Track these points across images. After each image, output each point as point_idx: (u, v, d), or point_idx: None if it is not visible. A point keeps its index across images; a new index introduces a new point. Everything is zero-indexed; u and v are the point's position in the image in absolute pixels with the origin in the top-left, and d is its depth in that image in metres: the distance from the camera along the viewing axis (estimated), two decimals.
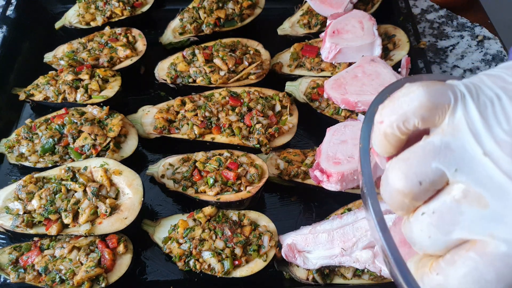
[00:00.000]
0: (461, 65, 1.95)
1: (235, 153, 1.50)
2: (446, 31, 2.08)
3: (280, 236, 1.32)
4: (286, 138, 1.58)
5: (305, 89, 1.69)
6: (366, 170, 0.75)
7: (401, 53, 1.75)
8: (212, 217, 1.38)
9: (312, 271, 1.29)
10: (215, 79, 1.68)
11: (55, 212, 1.34)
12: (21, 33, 1.92)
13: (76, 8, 1.94)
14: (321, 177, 1.38)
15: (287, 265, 1.33)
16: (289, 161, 1.52)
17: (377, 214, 0.66)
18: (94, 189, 1.36)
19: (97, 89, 1.64)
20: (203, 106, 1.61)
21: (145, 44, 1.81)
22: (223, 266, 1.28)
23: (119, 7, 1.88)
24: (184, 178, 1.47)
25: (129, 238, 1.36)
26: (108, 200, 1.36)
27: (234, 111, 1.59)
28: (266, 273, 1.33)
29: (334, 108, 1.61)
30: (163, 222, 1.42)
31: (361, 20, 1.73)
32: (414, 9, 2.15)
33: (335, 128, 1.47)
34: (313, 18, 1.89)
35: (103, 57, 1.76)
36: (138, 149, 1.59)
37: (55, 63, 1.80)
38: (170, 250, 1.35)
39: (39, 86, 1.69)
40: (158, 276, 1.39)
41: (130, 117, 1.65)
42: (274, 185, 1.53)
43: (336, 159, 1.39)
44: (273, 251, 1.33)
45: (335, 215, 1.31)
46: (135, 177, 1.39)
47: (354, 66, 1.63)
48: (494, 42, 2.02)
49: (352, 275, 1.29)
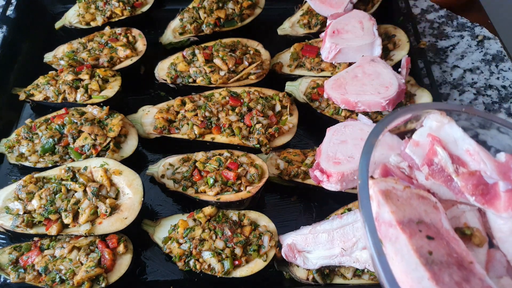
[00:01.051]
0: (461, 65, 1.95)
1: (235, 153, 1.50)
2: (446, 31, 2.07)
3: (280, 236, 1.32)
4: (286, 138, 1.58)
5: (305, 89, 1.69)
6: (365, 206, 0.75)
7: (401, 53, 1.75)
8: (212, 217, 1.38)
9: (312, 271, 1.29)
10: (215, 79, 1.68)
11: (55, 212, 1.34)
12: (21, 33, 1.92)
13: (76, 8, 1.94)
14: (321, 177, 1.38)
15: (287, 265, 1.33)
16: (289, 161, 1.52)
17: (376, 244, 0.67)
18: (94, 189, 1.36)
19: (97, 89, 1.64)
20: (203, 106, 1.60)
21: (145, 44, 1.81)
22: (223, 266, 1.29)
23: (119, 7, 1.88)
24: (184, 178, 1.47)
25: (129, 238, 1.36)
26: (108, 200, 1.36)
27: (234, 111, 1.58)
28: (266, 273, 1.33)
29: (334, 108, 1.61)
30: (163, 222, 1.42)
31: (361, 20, 1.73)
32: (414, 9, 2.15)
33: (335, 128, 1.47)
34: (313, 18, 1.89)
35: (103, 57, 1.76)
36: (138, 149, 1.59)
37: (55, 63, 1.80)
38: (170, 250, 1.35)
39: (39, 86, 1.69)
40: (158, 276, 1.39)
41: (130, 117, 1.65)
42: (274, 185, 1.53)
43: (336, 159, 1.39)
44: (273, 251, 1.33)
45: (335, 215, 1.31)
46: (135, 177, 1.40)
47: (354, 66, 1.63)
48: (494, 42, 2.02)
49: (352, 275, 1.29)
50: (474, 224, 1.01)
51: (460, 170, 0.99)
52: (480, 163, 0.99)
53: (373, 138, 0.85)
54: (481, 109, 1.80)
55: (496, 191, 0.96)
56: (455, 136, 1.03)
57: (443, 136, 1.03)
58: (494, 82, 1.89)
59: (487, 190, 0.97)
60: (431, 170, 1.01)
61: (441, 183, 1.01)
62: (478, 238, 0.97)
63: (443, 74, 1.92)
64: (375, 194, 0.91)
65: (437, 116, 1.04)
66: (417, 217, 0.90)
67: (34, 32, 1.99)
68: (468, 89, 1.87)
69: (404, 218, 0.88)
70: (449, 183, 1.00)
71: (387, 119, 0.96)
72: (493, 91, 1.86)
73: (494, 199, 0.96)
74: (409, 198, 0.94)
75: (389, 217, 0.87)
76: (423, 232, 0.87)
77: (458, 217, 1.01)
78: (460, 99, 1.83)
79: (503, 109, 1.80)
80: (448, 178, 1.00)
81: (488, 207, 0.98)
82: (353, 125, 1.47)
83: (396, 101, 1.54)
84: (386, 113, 1.58)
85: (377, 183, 0.92)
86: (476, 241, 0.97)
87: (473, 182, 0.97)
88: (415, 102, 1.62)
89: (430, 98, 1.60)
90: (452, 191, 1.01)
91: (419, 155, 1.04)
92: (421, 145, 1.04)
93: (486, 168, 0.98)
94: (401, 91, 1.53)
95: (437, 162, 1.00)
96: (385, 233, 0.86)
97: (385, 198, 0.90)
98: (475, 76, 1.91)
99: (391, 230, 0.87)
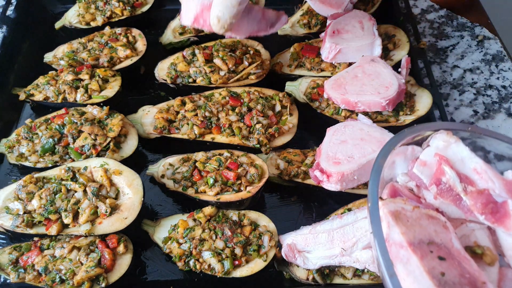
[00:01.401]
0: (461, 65, 1.95)
1: (235, 153, 1.50)
2: (446, 31, 2.08)
3: (280, 236, 1.32)
4: (286, 138, 1.58)
5: (305, 89, 1.69)
6: (377, 228, 0.74)
7: (401, 53, 1.75)
8: (212, 217, 1.38)
9: (312, 271, 1.29)
10: (215, 79, 1.68)
11: (55, 212, 1.34)
12: (21, 33, 1.92)
13: (76, 8, 1.94)
14: (321, 177, 1.38)
15: (287, 265, 1.33)
16: (289, 161, 1.52)
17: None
18: (94, 189, 1.36)
19: (97, 89, 1.64)
20: (203, 106, 1.60)
21: (145, 44, 1.81)
22: (223, 266, 1.29)
23: (119, 7, 1.88)
24: (184, 178, 1.47)
25: (129, 238, 1.36)
26: (108, 200, 1.36)
27: (234, 111, 1.59)
28: (266, 273, 1.33)
29: (334, 108, 1.61)
30: (163, 222, 1.42)
31: (361, 20, 1.74)
32: (414, 9, 2.15)
33: (335, 128, 1.47)
34: (313, 18, 1.89)
35: (103, 57, 1.76)
36: (138, 149, 1.59)
37: (55, 63, 1.80)
38: (170, 250, 1.35)
39: (39, 86, 1.69)
40: (158, 276, 1.39)
41: (130, 117, 1.65)
42: (274, 185, 1.53)
43: (336, 159, 1.39)
44: (273, 251, 1.33)
45: (335, 215, 1.31)
46: (135, 177, 1.40)
47: (354, 66, 1.63)
48: (494, 42, 2.02)
49: (352, 275, 1.29)
50: (484, 242, 1.00)
51: (469, 189, 0.99)
52: (488, 181, 0.99)
53: (382, 159, 0.85)
54: (481, 109, 1.80)
55: (506, 210, 0.96)
56: (462, 155, 1.03)
57: (450, 155, 1.04)
58: (494, 82, 1.89)
59: (496, 209, 0.97)
60: (440, 189, 1.01)
61: (450, 202, 1.01)
62: (490, 257, 0.97)
63: (443, 74, 1.92)
64: (385, 215, 0.90)
65: (443, 135, 1.05)
66: (427, 237, 0.90)
67: (34, 32, 1.99)
68: (468, 89, 1.87)
69: (415, 239, 0.88)
70: (458, 202, 1.00)
71: (394, 140, 0.96)
72: (493, 91, 1.86)
73: (504, 217, 0.96)
74: (418, 218, 0.94)
75: (399, 238, 0.87)
76: (434, 252, 0.87)
77: (468, 236, 1.01)
78: (460, 99, 1.83)
79: (503, 109, 1.80)
80: (457, 197, 1.00)
81: (498, 225, 0.98)
82: (353, 125, 1.47)
83: (396, 101, 1.54)
84: (386, 113, 1.58)
85: (386, 204, 0.92)
86: (487, 260, 0.97)
87: (482, 200, 0.97)
88: (415, 102, 1.62)
89: (430, 98, 1.60)
90: (461, 210, 1.01)
91: (426, 174, 1.04)
92: (428, 165, 1.04)
93: (495, 186, 0.98)
94: (401, 91, 1.53)
95: (445, 181, 1.01)
96: (396, 254, 0.87)
97: (395, 219, 0.90)
98: (475, 76, 1.91)
99: (402, 251, 0.87)
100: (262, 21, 1.45)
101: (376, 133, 1.43)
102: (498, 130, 1.74)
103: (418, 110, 1.58)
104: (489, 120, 1.77)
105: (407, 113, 1.58)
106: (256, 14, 1.44)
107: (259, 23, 1.45)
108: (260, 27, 1.46)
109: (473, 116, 1.79)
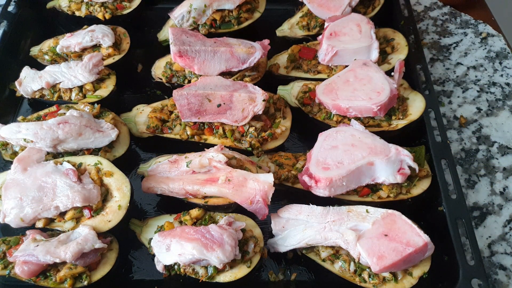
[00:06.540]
0: (464, 62, 1.93)
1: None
2: (450, 28, 2.05)
3: (268, 240, 1.33)
4: (278, 141, 1.57)
5: (297, 93, 1.67)
6: None
7: (399, 57, 1.72)
8: (198, 220, 1.37)
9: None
10: None
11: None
12: (21, 28, 1.93)
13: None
14: (309, 182, 1.37)
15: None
16: (280, 165, 1.50)
17: None
18: None
19: (91, 88, 1.64)
20: None
21: (128, 43, 1.81)
22: (206, 271, 1.28)
23: (101, 12, 1.88)
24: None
25: (115, 238, 1.36)
26: None
27: None
28: (249, 279, 1.31)
29: (326, 112, 1.58)
30: (150, 222, 1.42)
31: (359, 23, 1.71)
32: (417, 6, 2.12)
33: (327, 133, 1.45)
34: (312, 20, 1.88)
35: (85, 54, 1.75)
36: (131, 148, 1.59)
37: (40, 57, 1.82)
38: None
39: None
40: (143, 276, 1.39)
41: (124, 116, 1.65)
42: None
43: (326, 164, 1.37)
44: (257, 257, 1.31)
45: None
46: (125, 181, 1.37)
47: (346, 70, 1.60)
48: (498, 39, 1.99)
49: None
50: None
51: None
52: None
53: None
54: (485, 106, 1.78)
55: None
56: None
57: None
58: (497, 79, 1.86)
59: None
60: None
61: None
62: None
63: (446, 71, 1.89)
64: None
65: None
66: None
67: (33, 27, 2.00)
68: (471, 86, 1.85)
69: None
70: None
71: None
72: (497, 88, 1.83)
73: None
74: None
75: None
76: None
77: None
78: (463, 97, 1.81)
79: (507, 106, 1.78)
80: None
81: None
82: (345, 131, 1.44)
83: (388, 107, 1.51)
84: (378, 118, 1.55)
85: None
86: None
87: None
88: (407, 106, 1.58)
89: (423, 102, 1.56)
90: None
91: None
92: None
93: None
94: (393, 96, 1.50)
95: None
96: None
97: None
98: (478, 73, 1.88)
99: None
100: (232, 60, 1.61)
101: (368, 139, 1.40)
102: (501, 127, 1.72)
103: (410, 114, 1.55)
104: (492, 117, 1.75)
105: (400, 117, 1.55)
106: (222, 55, 1.59)
107: (228, 62, 1.61)
108: (231, 65, 1.62)
109: (476, 113, 1.76)
